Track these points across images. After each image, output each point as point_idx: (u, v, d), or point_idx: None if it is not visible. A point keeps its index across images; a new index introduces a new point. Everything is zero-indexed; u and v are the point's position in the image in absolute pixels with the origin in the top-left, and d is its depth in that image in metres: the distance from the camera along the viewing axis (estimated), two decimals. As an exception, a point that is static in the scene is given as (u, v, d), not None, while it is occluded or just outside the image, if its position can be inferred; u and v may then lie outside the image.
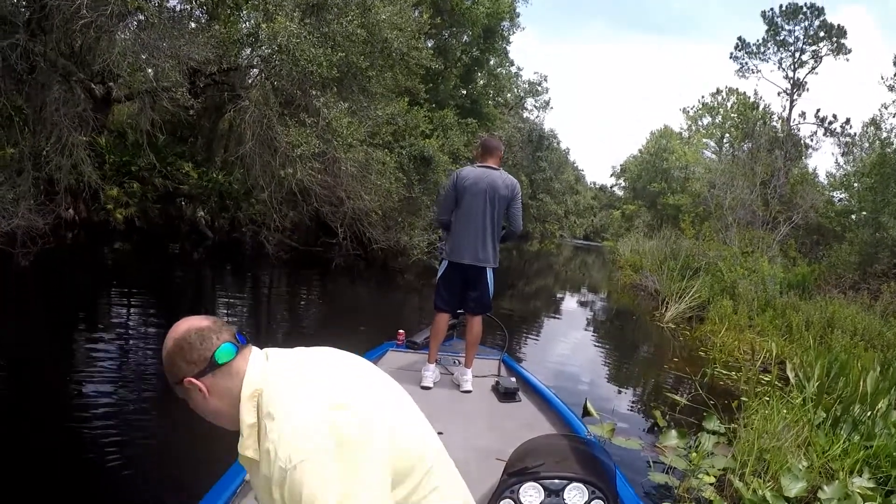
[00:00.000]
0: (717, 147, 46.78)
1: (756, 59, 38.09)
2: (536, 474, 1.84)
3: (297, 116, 9.67)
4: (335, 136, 9.58)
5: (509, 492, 1.83)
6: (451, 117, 17.15)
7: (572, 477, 1.84)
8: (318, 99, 9.71)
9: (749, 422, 5.02)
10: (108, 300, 7.76)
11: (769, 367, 8.19)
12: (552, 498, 1.82)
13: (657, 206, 45.81)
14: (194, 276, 11.28)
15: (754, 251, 17.21)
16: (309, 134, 9.33)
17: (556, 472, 1.85)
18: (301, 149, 9.14)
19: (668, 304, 12.38)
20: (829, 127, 33.81)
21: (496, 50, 28.46)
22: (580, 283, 23.16)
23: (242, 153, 9.93)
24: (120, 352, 5.62)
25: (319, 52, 8.99)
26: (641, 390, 7.06)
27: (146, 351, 5.74)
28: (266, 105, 9.48)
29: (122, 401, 4.41)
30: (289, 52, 8.83)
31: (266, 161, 9.70)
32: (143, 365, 5.39)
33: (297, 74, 9.04)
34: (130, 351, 5.78)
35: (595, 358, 8.74)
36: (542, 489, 1.83)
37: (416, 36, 11.39)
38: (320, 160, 9.66)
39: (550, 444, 2.11)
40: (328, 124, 9.53)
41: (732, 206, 19.31)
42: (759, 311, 11.04)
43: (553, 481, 1.83)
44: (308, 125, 9.52)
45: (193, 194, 14.80)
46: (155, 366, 5.15)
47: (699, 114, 49.74)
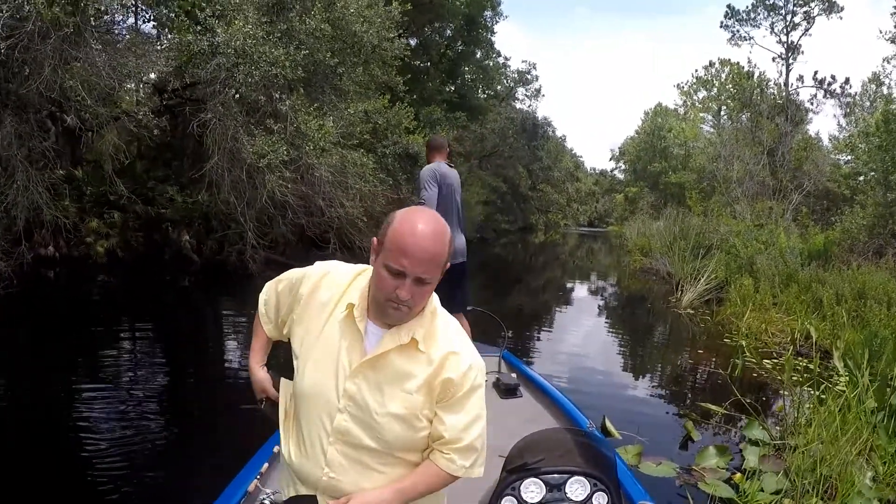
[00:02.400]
0: (715, 121, 45.91)
1: (747, 26, 37.10)
2: (537, 470, 1.81)
3: (263, 124, 8.96)
4: (306, 140, 8.84)
5: (510, 489, 1.80)
6: (438, 113, 16.45)
7: (573, 470, 1.81)
8: (285, 102, 8.99)
9: (798, 425, 4.28)
10: (89, 338, 7.34)
11: (803, 351, 7.46)
12: (554, 493, 1.79)
13: (660, 186, 45.00)
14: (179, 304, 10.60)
15: (766, 223, 16.42)
16: (276, 141, 8.60)
17: (557, 466, 1.82)
18: (268, 158, 8.40)
19: (683, 288, 11.63)
20: (829, 88, 32.87)
21: (480, 41, 27.81)
22: (589, 271, 22.39)
23: (208, 169, 9.21)
24: (110, 390, 5.40)
25: (281, 53, 8.27)
26: (665, 392, 6.23)
27: (137, 385, 5.62)
28: (228, 115, 8.76)
29: (117, 426, 4.40)
30: (246, 54, 8.12)
31: (236, 175, 8.98)
32: (138, 392, 5.36)
33: (259, 78, 8.33)
34: (122, 388, 5.56)
35: (610, 355, 7.96)
36: (543, 484, 1.80)
37: (387, 27, 10.64)
38: (291, 168, 8.94)
39: (549, 438, 2.06)
40: (297, 129, 8.80)
41: (740, 178, 18.49)
42: (783, 288, 10.27)
43: (554, 476, 1.81)
44: (276, 132, 8.80)
45: (177, 218, 14.15)
46: (150, 392, 5.34)
47: (694, 88, 48.81)
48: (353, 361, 1.43)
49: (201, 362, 6.71)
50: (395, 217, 1.38)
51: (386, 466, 1.46)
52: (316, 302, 1.53)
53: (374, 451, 1.44)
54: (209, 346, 7.47)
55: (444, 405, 1.45)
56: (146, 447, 4.07)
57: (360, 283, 1.51)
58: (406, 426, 1.43)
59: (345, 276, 1.54)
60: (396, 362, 1.43)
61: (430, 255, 1.34)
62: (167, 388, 5.64)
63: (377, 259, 1.38)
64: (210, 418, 4.74)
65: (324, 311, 1.50)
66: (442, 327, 1.49)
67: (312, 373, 1.46)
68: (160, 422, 4.68)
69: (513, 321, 9.85)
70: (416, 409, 1.43)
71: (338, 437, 1.43)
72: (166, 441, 4.24)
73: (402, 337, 1.42)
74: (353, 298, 1.47)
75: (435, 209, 4.07)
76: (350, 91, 10.37)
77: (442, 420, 1.45)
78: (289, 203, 9.33)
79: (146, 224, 14.37)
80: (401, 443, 1.45)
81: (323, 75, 9.62)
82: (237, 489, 2.32)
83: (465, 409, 1.46)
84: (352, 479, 1.45)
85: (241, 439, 3.75)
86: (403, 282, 1.34)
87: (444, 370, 1.43)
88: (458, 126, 17.63)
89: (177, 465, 3.77)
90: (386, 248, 1.35)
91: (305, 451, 1.48)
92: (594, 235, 54.12)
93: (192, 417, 4.84)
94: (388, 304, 1.38)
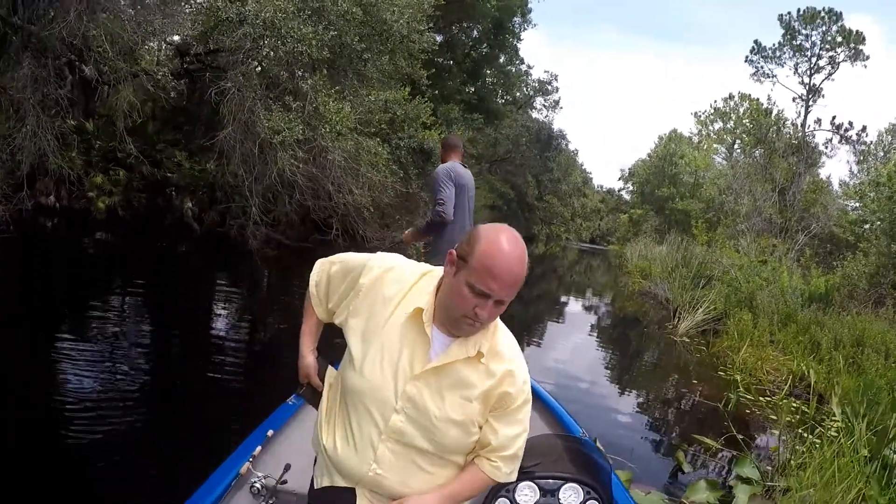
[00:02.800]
0: (728, 153, 45.89)
1: (772, 64, 37.02)
2: (532, 474, 1.80)
3: (282, 100, 8.84)
4: (322, 122, 8.72)
5: (505, 491, 1.80)
6: (455, 112, 16.36)
7: (567, 477, 1.82)
8: (307, 81, 8.87)
9: (790, 467, 4.21)
10: (80, 294, 7.10)
11: (797, 392, 7.39)
12: (547, 498, 1.79)
13: (665, 212, 44.97)
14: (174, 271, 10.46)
15: (768, 260, 16.35)
16: (292, 119, 8.47)
17: (552, 472, 1.83)
18: (283, 135, 8.28)
19: (681, 315, 11.55)
20: (845, 134, 32.80)
21: (506, 46, 27.72)
22: (586, 288, 22.30)
23: (220, 139, 9.08)
24: (95, 348, 5.29)
25: (309, 30, 8.16)
26: (656, 418, 6.16)
27: (126, 351, 5.43)
28: (247, 87, 8.64)
29: (104, 399, 4.23)
30: (275, 28, 8.01)
31: (248, 149, 8.86)
32: (127, 361, 5.18)
33: (283, 54, 8.22)
34: (105, 349, 5.38)
35: (602, 374, 7.87)
36: (537, 489, 1.81)
37: (418, 19, 10.53)
38: (305, 149, 8.81)
39: (545, 443, 2.07)
40: (315, 109, 8.68)
41: (749, 212, 18.42)
42: (781, 326, 10.19)
43: (548, 481, 1.81)
44: (294, 110, 8.68)
45: (182, 184, 14.02)
46: (139, 362, 5.19)
47: (710, 119, 48.86)
48: (417, 365, 1.44)
49: (192, 333, 6.53)
50: (480, 236, 1.37)
51: (434, 467, 1.51)
52: (379, 296, 1.51)
53: (425, 453, 1.48)
54: (200, 317, 7.26)
55: (497, 415, 1.51)
56: (132, 422, 3.94)
57: (425, 286, 1.50)
58: (462, 431, 1.47)
59: (411, 275, 1.53)
60: (461, 371, 1.46)
61: (516, 279, 1.36)
62: (156, 359, 5.48)
63: (458, 274, 1.38)
64: (200, 395, 4.60)
65: (386, 308, 1.49)
66: (504, 342, 1.53)
67: (371, 369, 1.45)
68: (147, 395, 4.50)
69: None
70: (473, 416, 1.47)
71: (391, 436, 1.45)
72: (154, 418, 4.10)
73: (469, 349, 1.45)
74: (419, 301, 1.46)
75: (452, 209, 4.15)
76: (373, 78, 10.25)
77: (494, 429, 1.51)
78: (297, 183, 9.20)
79: (150, 186, 14.24)
80: (454, 446, 1.50)
81: (348, 59, 9.50)
82: (228, 471, 2.29)
83: (516, 421, 1.53)
84: (398, 477, 1.48)
85: (231, 418, 3.80)
86: (486, 302, 1.36)
87: (503, 384, 1.48)
88: (474, 127, 17.52)
89: (164, 448, 3.63)
90: (472, 267, 1.34)
91: (354, 445, 1.48)
92: (594, 252, 53.96)
93: (181, 393, 4.69)
94: (465, 319, 1.39)
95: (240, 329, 7.15)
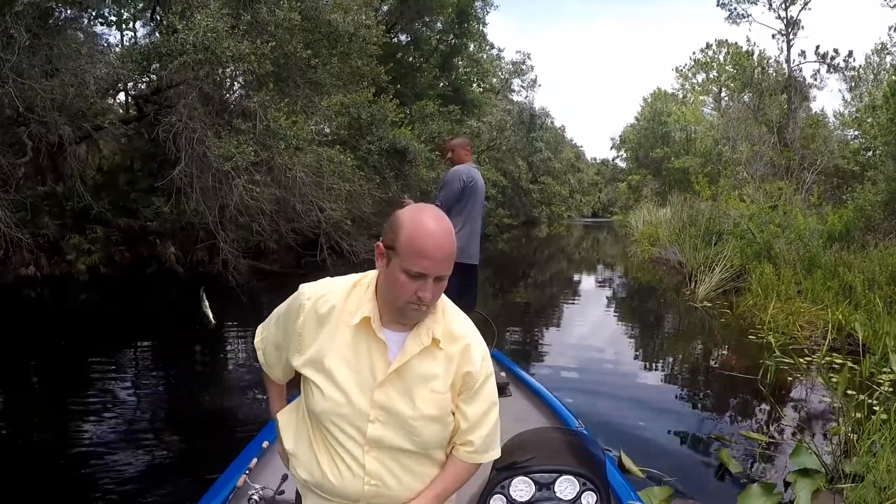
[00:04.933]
0: (716, 103, 45.12)
1: (745, 3, 36.22)
2: (526, 468, 1.78)
3: (231, 124, 8.23)
4: (277, 139, 8.11)
5: (500, 487, 1.78)
6: (431, 107, 15.72)
7: (562, 469, 1.79)
8: (252, 100, 8.25)
9: (857, 448, 3.58)
10: (73, 356, 6.96)
11: (837, 345, 6.74)
12: (543, 491, 1.76)
13: (663, 173, 44.32)
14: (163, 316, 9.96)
15: (776, 204, 15.66)
16: (243, 142, 7.85)
17: (546, 465, 1.80)
18: (234, 160, 7.66)
19: (697, 278, 10.90)
20: (832, 63, 31.90)
21: (473, 34, 26.99)
22: (595, 263, 21.65)
23: (175, 175, 8.49)
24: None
25: (246, 46, 7.54)
26: (688, 409, 5.37)
27: (123, 393, 5.55)
28: (193, 117, 8.03)
29: (103, 420, 4.49)
30: (208, 50, 7.39)
31: (205, 181, 8.26)
32: (124, 390, 5.49)
33: (223, 75, 7.63)
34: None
35: (622, 362, 7.09)
36: (532, 483, 1.78)
37: (364, 13, 9.82)
38: (263, 170, 8.21)
39: (539, 437, 2.05)
40: (267, 127, 8.07)
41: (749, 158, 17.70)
42: (805, 274, 9.53)
43: (543, 475, 1.78)
44: (245, 131, 8.06)
45: (162, 230, 13.51)
46: (136, 391, 5.49)
47: (692, 71, 47.98)
48: (379, 372, 1.42)
49: (184, 362, 6.73)
50: (403, 220, 1.36)
51: (421, 465, 1.49)
52: (320, 323, 1.47)
53: (409, 452, 1.46)
54: (190, 349, 7.40)
55: (464, 398, 1.49)
56: (131, 440, 4.12)
57: (360, 295, 1.47)
58: (441, 425, 1.46)
59: (341, 290, 1.49)
60: (420, 365, 1.44)
61: (447, 253, 1.36)
62: (152, 386, 5.76)
63: (390, 264, 1.37)
64: (195, 413, 4.80)
65: (330, 330, 1.46)
66: (453, 319, 1.51)
67: (334, 391, 1.43)
68: (144, 415, 4.81)
69: (516, 321, 9.15)
70: (446, 407, 1.46)
71: (372, 446, 1.44)
72: (151, 436, 4.30)
73: (423, 339, 1.44)
74: (362, 310, 1.44)
75: (447, 211, 3.97)
76: (326, 84, 9.60)
77: (464, 413, 1.49)
78: (262, 208, 8.59)
79: (130, 238, 13.77)
80: (436, 441, 1.49)
81: (296, 69, 8.87)
82: (225, 484, 2.34)
83: (482, 398, 1.51)
84: (394, 482, 1.46)
85: (228, 439, 3.79)
86: (425, 283, 1.35)
87: (463, 364, 1.47)
88: (453, 120, 16.88)
89: (164, 464, 3.78)
90: (401, 253, 1.34)
91: (340, 470, 1.46)
92: (599, 226, 53.31)
93: (176, 411, 4.94)
94: (409, 306, 1.38)
95: (228, 354, 7.33)
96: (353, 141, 10.77)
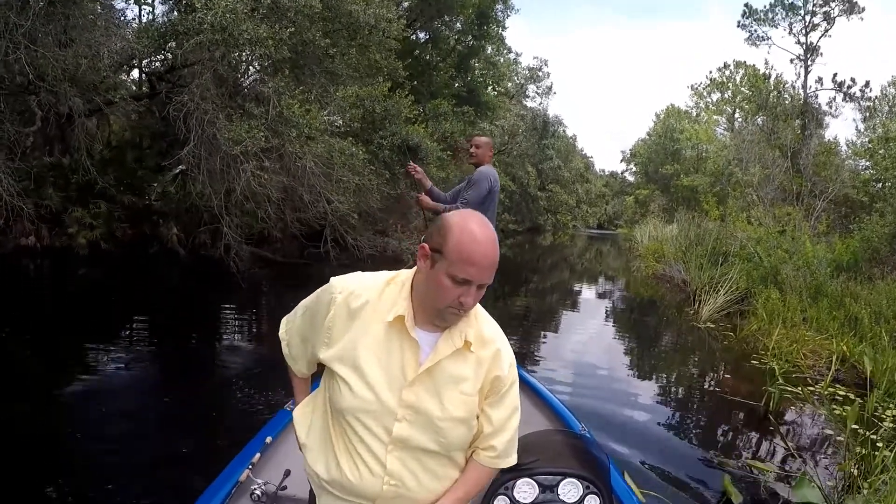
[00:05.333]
0: (729, 124, 45.02)
1: (765, 26, 36.09)
2: (530, 470, 1.76)
3: (244, 108, 8.15)
4: (289, 127, 8.02)
5: (503, 489, 1.76)
6: (445, 106, 15.62)
7: (566, 472, 1.78)
8: (267, 85, 8.16)
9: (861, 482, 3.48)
10: (72, 330, 7.00)
11: (840, 376, 6.64)
12: (546, 494, 1.76)
13: (671, 189, 44.16)
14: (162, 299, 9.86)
15: (785, 229, 15.54)
16: (253, 127, 7.77)
17: (550, 467, 1.79)
18: (244, 144, 7.57)
19: (701, 298, 10.78)
20: (848, 92, 31.84)
21: (491, 36, 26.94)
22: (598, 275, 21.52)
23: (184, 156, 8.40)
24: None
25: (264, 30, 7.45)
26: (691, 431, 5.28)
27: (121, 379, 5.45)
28: (206, 98, 7.95)
29: (104, 413, 4.35)
30: (225, 31, 7.32)
31: (213, 164, 8.17)
32: (125, 381, 5.33)
33: (239, 58, 7.55)
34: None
35: (624, 380, 6.93)
36: (536, 485, 1.76)
37: (386, 5, 9.73)
38: (273, 157, 8.12)
39: (544, 439, 2.04)
40: (280, 114, 7.98)
41: (761, 181, 17.59)
42: (810, 302, 9.42)
43: (547, 477, 1.77)
44: (257, 116, 7.98)
45: (166, 210, 13.43)
46: (137, 381, 5.32)
47: (707, 90, 47.90)
48: (410, 371, 1.42)
49: (185, 354, 6.59)
50: (451, 224, 1.36)
51: (442, 467, 1.49)
52: (351, 319, 1.46)
53: (432, 453, 1.46)
54: (190, 339, 7.36)
55: (490, 402, 1.50)
56: (133, 434, 4.00)
57: (393, 293, 1.46)
58: (467, 427, 1.47)
59: (374, 287, 1.48)
60: (451, 367, 1.44)
61: (493, 261, 1.38)
62: (154, 377, 5.58)
63: (434, 267, 1.37)
64: (197, 406, 4.67)
65: (363, 326, 1.45)
66: (485, 323, 1.52)
67: (362, 386, 1.42)
68: (146, 408, 4.61)
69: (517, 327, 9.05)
70: (474, 410, 1.46)
71: (397, 445, 1.43)
72: (153, 430, 4.17)
73: (455, 341, 1.44)
74: (396, 308, 1.43)
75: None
76: (343, 75, 9.52)
77: (489, 417, 1.49)
78: (268, 195, 8.50)
79: (134, 215, 13.70)
80: (460, 443, 1.49)
81: (313, 57, 8.78)
82: (228, 479, 2.34)
83: (507, 403, 1.52)
84: (413, 482, 1.46)
85: (231, 431, 3.76)
86: (469, 289, 1.36)
87: (493, 369, 1.47)
88: (466, 121, 16.79)
89: (165, 457, 3.67)
90: (448, 257, 1.34)
91: (359, 468, 1.44)
92: (603, 237, 53.11)
93: (178, 405, 4.73)
94: (450, 310, 1.39)
95: (231, 346, 7.21)
96: (365, 134, 10.67)
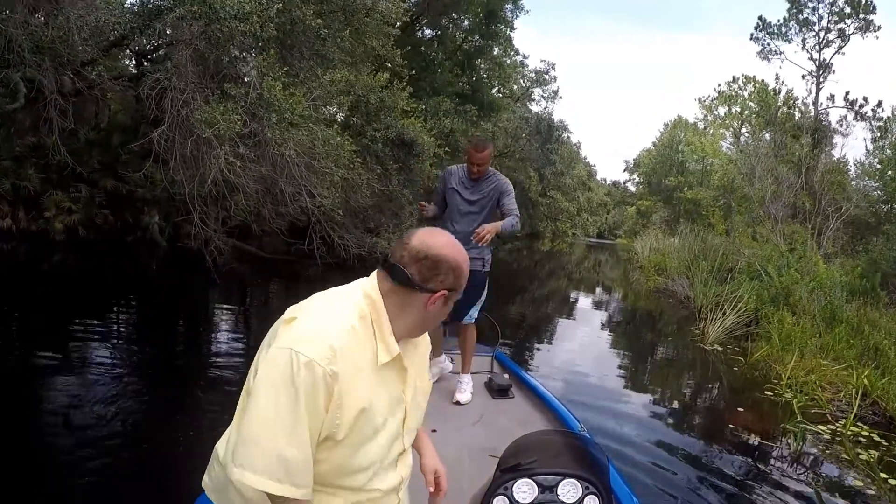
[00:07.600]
0: (735, 138, 44.53)
1: (778, 41, 35.61)
2: (530, 470, 1.79)
3: (221, 89, 7.52)
4: (270, 111, 7.37)
5: (503, 488, 1.79)
6: (447, 104, 15.01)
7: (566, 473, 1.80)
8: (248, 63, 7.54)
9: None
10: (44, 320, 6.70)
11: (863, 413, 6.04)
12: (546, 494, 1.77)
13: (673, 202, 43.69)
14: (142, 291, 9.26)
15: (795, 247, 14.96)
16: (229, 109, 7.12)
17: (550, 468, 1.81)
18: (218, 127, 6.92)
19: (707, 317, 10.17)
20: (860, 111, 31.35)
21: (499, 36, 26.36)
22: (596, 286, 20.90)
23: (155, 139, 7.77)
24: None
25: (248, 4, 6.82)
26: (702, 466, 4.50)
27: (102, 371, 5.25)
28: (180, 76, 7.32)
29: (93, 415, 4.19)
30: (203, 2, 6.69)
31: (185, 148, 7.54)
32: (109, 379, 5.02)
33: (217, 34, 6.90)
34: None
35: (631, 415, 5.97)
36: (535, 485, 1.79)
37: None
38: (251, 143, 7.49)
39: (544, 440, 2.05)
40: (260, 96, 7.34)
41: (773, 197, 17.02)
42: (825, 327, 8.82)
43: (546, 477, 1.80)
44: (235, 98, 7.34)
45: (149, 197, 12.80)
46: (123, 379, 5.08)
47: (715, 103, 47.42)
48: (408, 392, 1.45)
49: (168, 352, 6.33)
50: (446, 256, 1.35)
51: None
52: (348, 382, 1.32)
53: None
54: (175, 336, 7.11)
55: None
56: (124, 437, 3.95)
57: (367, 332, 1.36)
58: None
59: (346, 339, 1.31)
60: (411, 355, 1.48)
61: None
62: (140, 376, 5.36)
63: (448, 304, 1.39)
64: (187, 409, 4.50)
65: (359, 382, 1.34)
66: None
67: (381, 436, 1.39)
68: (136, 410, 4.50)
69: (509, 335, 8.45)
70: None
71: (410, 434, 1.50)
72: (144, 432, 4.06)
73: (418, 341, 1.53)
74: (387, 348, 1.37)
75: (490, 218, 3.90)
76: (335, 59, 8.87)
77: None
78: (242, 185, 7.86)
79: (115, 201, 13.09)
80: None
81: (303, 37, 8.15)
82: None
83: None
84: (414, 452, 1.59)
85: (222, 428, 3.17)
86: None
87: (424, 345, 1.57)
88: (468, 120, 16.20)
89: (157, 458, 3.62)
90: (459, 286, 1.38)
91: (385, 467, 1.42)
92: (602, 247, 52.56)
93: (168, 408, 4.53)
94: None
95: (207, 340, 7.01)
96: (357, 126, 10.03)
